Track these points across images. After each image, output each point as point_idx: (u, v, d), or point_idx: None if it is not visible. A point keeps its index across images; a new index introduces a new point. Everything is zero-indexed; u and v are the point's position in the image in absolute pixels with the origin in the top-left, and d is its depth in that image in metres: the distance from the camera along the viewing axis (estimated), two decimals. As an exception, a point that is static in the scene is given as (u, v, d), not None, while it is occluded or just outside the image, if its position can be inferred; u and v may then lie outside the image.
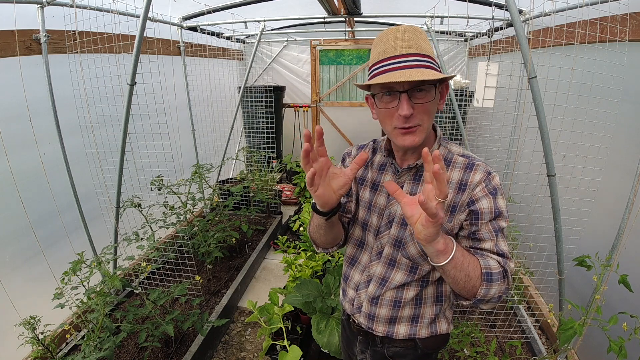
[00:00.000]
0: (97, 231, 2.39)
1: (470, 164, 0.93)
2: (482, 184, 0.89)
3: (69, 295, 1.66)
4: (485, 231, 0.91)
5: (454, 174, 0.93)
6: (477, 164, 0.92)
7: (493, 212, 0.89)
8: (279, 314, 1.84)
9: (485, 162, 0.94)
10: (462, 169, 0.92)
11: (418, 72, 0.80)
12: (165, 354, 2.03)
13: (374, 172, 1.05)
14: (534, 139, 1.61)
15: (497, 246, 0.91)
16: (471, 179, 0.90)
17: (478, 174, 0.90)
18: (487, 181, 0.90)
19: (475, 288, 0.85)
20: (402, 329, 1.03)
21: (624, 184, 1.61)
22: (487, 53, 3.51)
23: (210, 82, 3.80)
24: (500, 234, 0.91)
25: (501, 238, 0.92)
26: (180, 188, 2.49)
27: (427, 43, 0.86)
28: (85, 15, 2.01)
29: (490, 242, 0.91)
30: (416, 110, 0.84)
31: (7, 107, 1.86)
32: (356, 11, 2.88)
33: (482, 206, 0.89)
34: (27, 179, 1.97)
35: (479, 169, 0.91)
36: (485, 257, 0.89)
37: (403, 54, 0.82)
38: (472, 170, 0.91)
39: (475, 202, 0.90)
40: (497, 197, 0.90)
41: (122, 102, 1.94)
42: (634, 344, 1.32)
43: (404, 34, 0.84)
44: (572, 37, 1.81)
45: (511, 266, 0.92)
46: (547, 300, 2.37)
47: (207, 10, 2.90)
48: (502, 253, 0.91)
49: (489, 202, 0.89)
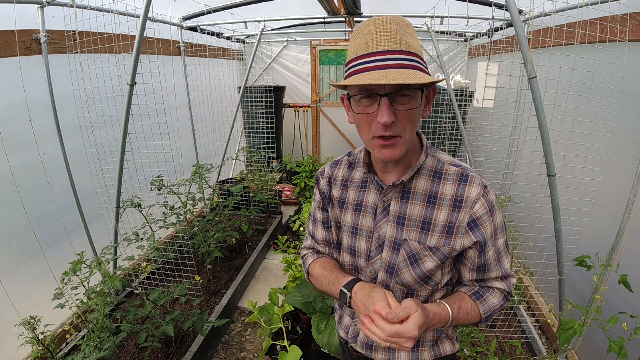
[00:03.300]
0: (97, 231, 2.39)
1: (463, 174, 0.83)
2: (480, 200, 0.80)
3: (69, 295, 1.66)
4: (490, 259, 0.86)
5: (447, 187, 0.83)
6: (471, 175, 0.83)
7: (492, 234, 0.84)
8: (279, 314, 1.84)
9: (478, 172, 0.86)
10: (455, 181, 0.83)
11: (403, 73, 0.67)
12: (165, 354, 2.03)
13: (355, 191, 0.93)
14: (534, 139, 1.61)
15: (501, 268, 0.88)
16: (467, 194, 0.81)
17: (474, 187, 0.81)
18: (485, 197, 0.81)
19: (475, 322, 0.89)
20: (402, 355, 0.96)
21: (624, 184, 1.61)
22: (487, 53, 3.51)
23: (210, 82, 3.80)
24: (501, 254, 0.87)
25: (504, 256, 0.88)
26: (180, 188, 2.49)
27: (414, 39, 0.73)
28: (85, 15, 2.01)
29: (495, 270, 0.87)
30: (398, 117, 0.72)
31: (7, 107, 1.86)
32: (356, 11, 2.88)
33: (487, 234, 0.82)
34: (27, 179, 1.97)
35: (474, 181, 0.82)
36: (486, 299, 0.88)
37: (386, 51, 0.69)
38: (466, 183, 0.82)
39: (478, 226, 0.81)
40: (495, 213, 0.83)
41: (122, 102, 1.94)
42: (634, 344, 1.32)
43: (388, 26, 0.70)
44: (572, 37, 1.81)
45: (513, 281, 0.91)
46: (547, 300, 2.37)
47: (207, 10, 2.90)
48: (505, 274, 0.89)
49: (490, 225, 0.83)
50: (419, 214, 0.84)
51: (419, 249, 0.84)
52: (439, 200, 0.83)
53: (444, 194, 0.83)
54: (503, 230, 0.86)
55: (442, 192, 0.83)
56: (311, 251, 1.07)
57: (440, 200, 0.83)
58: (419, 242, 0.84)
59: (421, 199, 0.84)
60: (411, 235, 0.85)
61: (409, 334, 0.70)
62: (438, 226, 0.83)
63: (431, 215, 0.83)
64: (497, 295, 0.89)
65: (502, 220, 0.85)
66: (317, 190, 1.03)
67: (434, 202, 0.83)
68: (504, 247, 0.88)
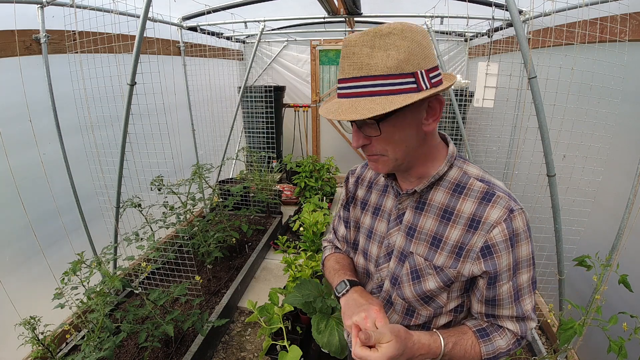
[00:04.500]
0: (97, 231, 2.39)
1: (489, 193, 0.74)
2: (501, 225, 0.71)
3: (69, 295, 1.65)
4: (504, 295, 0.75)
5: (466, 204, 0.75)
6: (497, 194, 0.73)
7: (511, 267, 0.73)
8: (279, 314, 1.84)
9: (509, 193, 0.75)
10: (477, 198, 0.74)
11: (356, 105, 0.65)
12: (165, 354, 2.03)
13: (377, 195, 0.92)
14: (534, 139, 1.61)
15: (517, 308, 0.77)
16: (486, 216, 0.72)
17: (496, 209, 0.72)
18: (507, 222, 0.71)
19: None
20: None
21: (624, 184, 1.61)
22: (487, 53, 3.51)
23: (210, 82, 3.80)
24: (522, 292, 0.76)
25: (526, 295, 0.77)
26: (180, 188, 2.49)
27: (388, 53, 0.64)
28: (85, 15, 2.01)
29: (509, 309, 0.77)
30: (374, 140, 0.71)
31: (7, 107, 1.86)
32: (356, 11, 2.88)
33: (501, 266, 0.73)
34: (27, 179, 1.96)
35: (499, 202, 0.72)
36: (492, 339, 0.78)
37: (348, 78, 0.67)
38: (489, 202, 0.73)
39: (492, 254, 0.72)
40: (520, 244, 0.73)
41: (122, 102, 1.94)
42: (634, 344, 1.32)
43: (352, 49, 0.66)
44: (572, 37, 1.81)
45: (531, 326, 0.79)
46: (547, 300, 2.37)
47: (207, 10, 2.90)
48: (523, 316, 0.78)
49: (507, 257, 0.72)
50: (430, 228, 0.79)
51: (424, 265, 0.79)
52: (454, 217, 0.76)
53: (462, 211, 0.75)
54: (530, 265, 0.75)
55: (459, 209, 0.75)
56: (330, 244, 1.11)
57: (456, 217, 0.76)
58: (425, 258, 0.79)
59: (435, 213, 0.78)
60: (419, 250, 0.80)
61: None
62: (448, 245, 0.76)
63: (443, 232, 0.77)
64: (507, 337, 0.79)
65: (529, 253, 0.74)
66: (345, 188, 1.04)
67: (448, 218, 0.77)
68: (529, 285, 0.76)
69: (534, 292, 0.79)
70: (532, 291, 0.78)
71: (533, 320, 0.80)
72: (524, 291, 0.76)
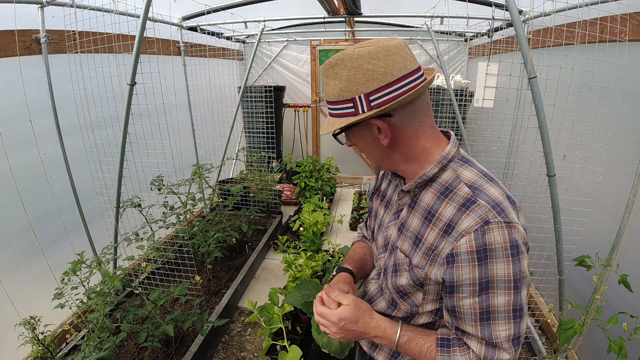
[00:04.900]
0: (97, 231, 2.39)
1: (470, 200, 0.71)
2: (469, 236, 0.67)
3: (69, 295, 1.65)
4: (466, 308, 0.71)
5: (448, 209, 0.73)
6: (478, 202, 0.69)
7: (477, 283, 0.68)
8: (279, 314, 1.84)
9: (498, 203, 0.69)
10: (459, 204, 0.72)
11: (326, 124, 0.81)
12: (165, 354, 2.03)
13: (392, 189, 0.97)
14: (534, 139, 1.61)
15: (484, 330, 0.71)
16: (459, 223, 0.70)
17: (469, 218, 0.69)
18: (477, 233, 0.67)
19: None
20: (380, 357, 0.93)
21: (624, 184, 1.61)
22: (487, 53, 3.51)
23: (210, 82, 3.80)
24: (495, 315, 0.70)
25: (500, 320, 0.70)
26: (180, 188, 2.49)
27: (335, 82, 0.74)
28: (85, 15, 2.01)
29: (473, 326, 0.72)
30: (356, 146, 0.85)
31: (7, 107, 1.86)
32: (356, 11, 2.88)
33: (459, 276, 0.69)
34: (27, 179, 1.96)
35: (475, 211, 0.69)
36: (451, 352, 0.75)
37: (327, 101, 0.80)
38: (467, 210, 0.70)
39: (453, 263, 0.69)
40: (494, 262, 0.67)
41: (122, 102, 1.94)
42: (634, 344, 1.32)
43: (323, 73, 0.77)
44: (572, 37, 1.81)
45: (503, 357, 0.71)
46: (547, 300, 2.37)
47: (207, 10, 2.90)
48: (491, 341, 0.71)
49: (471, 271, 0.68)
50: (415, 227, 0.81)
51: (402, 261, 0.83)
52: (434, 220, 0.76)
53: (442, 215, 0.74)
54: (509, 288, 0.68)
55: (441, 212, 0.75)
56: (361, 233, 1.20)
57: (436, 220, 0.75)
58: (406, 255, 0.82)
59: (421, 213, 0.80)
60: (403, 246, 0.84)
61: (330, 318, 0.80)
62: (425, 246, 0.77)
63: (424, 233, 0.78)
64: (468, 357, 0.74)
65: (508, 275, 0.67)
66: (375, 179, 1.10)
67: (430, 220, 0.77)
68: (507, 311, 0.69)
69: (516, 322, 0.70)
70: (514, 320, 0.70)
71: (507, 352, 0.70)
72: (498, 315, 0.70)
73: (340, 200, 4.64)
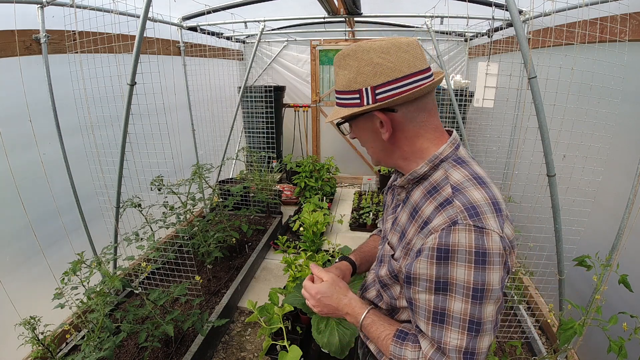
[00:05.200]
0: (97, 231, 2.39)
1: (447, 200, 0.71)
2: (435, 234, 0.68)
3: (69, 295, 1.66)
4: (421, 303, 0.72)
5: (428, 207, 0.74)
6: (454, 203, 0.69)
7: (434, 281, 0.68)
8: (279, 314, 1.84)
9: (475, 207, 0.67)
10: (438, 203, 0.72)
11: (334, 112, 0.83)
12: (165, 354, 2.03)
13: None
14: (534, 139, 1.61)
15: (434, 331, 0.70)
16: (433, 221, 0.71)
17: (440, 217, 0.69)
18: (443, 232, 0.67)
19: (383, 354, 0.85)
20: (372, 345, 0.95)
21: (624, 184, 1.61)
22: (487, 53, 3.51)
23: (210, 82, 3.80)
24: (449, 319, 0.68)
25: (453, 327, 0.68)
26: (180, 188, 2.49)
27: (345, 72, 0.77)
28: (85, 15, 2.01)
29: (425, 323, 0.72)
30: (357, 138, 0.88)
31: (7, 107, 1.86)
32: (356, 11, 2.88)
33: (416, 269, 0.70)
34: (27, 179, 1.96)
35: (447, 211, 0.69)
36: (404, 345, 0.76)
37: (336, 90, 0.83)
38: (441, 209, 0.70)
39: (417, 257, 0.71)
40: (454, 264, 0.66)
41: (122, 102, 1.94)
42: (634, 344, 1.32)
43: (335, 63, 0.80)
44: (572, 37, 1.81)
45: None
46: (547, 300, 2.37)
47: (207, 10, 2.90)
48: (439, 344, 0.70)
49: (428, 267, 0.68)
50: (403, 222, 0.83)
51: (387, 252, 0.88)
52: (417, 216, 0.77)
53: (423, 213, 0.75)
54: (468, 297, 0.66)
55: (423, 210, 0.75)
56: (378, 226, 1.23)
57: (418, 217, 0.77)
58: (392, 247, 0.87)
59: (409, 209, 0.82)
60: (392, 239, 0.87)
61: (310, 290, 0.93)
62: (405, 240, 0.80)
63: (407, 228, 0.80)
64: (417, 354, 0.74)
65: (469, 282, 0.65)
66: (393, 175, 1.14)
67: (413, 216, 0.79)
68: (462, 320, 0.67)
69: (471, 335, 0.67)
70: (469, 332, 0.67)
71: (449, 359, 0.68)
72: (452, 321, 0.68)
73: (340, 200, 4.65)
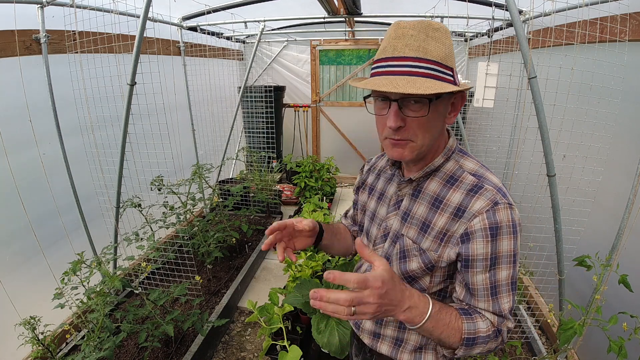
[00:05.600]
0: (97, 231, 2.38)
1: (477, 185, 0.77)
2: (482, 216, 0.74)
3: (69, 295, 1.66)
4: (479, 284, 0.77)
5: (456, 195, 0.79)
6: (485, 187, 0.76)
7: (489, 258, 0.75)
8: (279, 314, 1.84)
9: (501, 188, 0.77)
10: (466, 190, 0.78)
11: (410, 82, 0.68)
12: (165, 354, 2.03)
13: (384, 182, 0.99)
14: (534, 139, 1.61)
15: (494, 304, 0.78)
16: (471, 206, 0.75)
17: (480, 200, 0.75)
18: (489, 212, 0.73)
19: (453, 347, 0.77)
20: (384, 348, 0.95)
21: (624, 184, 1.61)
22: (487, 53, 3.51)
23: (210, 82, 3.79)
24: (500, 288, 0.76)
25: (504, 294, 0.77)
26: (180, 188, 2.49)
27: (438, 45, 0.71)
28: (85, 15, 2.01)
29: (485, 301, 0.78)
30: (408, 123, 0.73)
31: (7, 107, 1.85)
32: (356, 11, 2.88)
33: (474, 250, 0.75)
34: (27, 179, 1.96)
35: (484, 194, 0.75)
36: (474, 319, 0.77)
37: (400, 57, 0.70)
38: (476, 194, 0.76)
39: (468, 240, 0.75)
40: (501, 239, 0.74)
41: (122, 102, 1.94)
42: (634, 344, 1.32)
43: (408, 32, 0.70)
44: (572, 37, 1.81)
45: (509, 326, 0.79)
46: (547, 300, 2.37)
47: (207, 10, 2.90)
48: (500, 313, 0.78)
49: (484, 246, 0.74)
50: (421, 214, 0.84)
51: (411, 247, 0.85)
52: (443, 206, 0.80)
53: (450, 201, 0.79)
54: (510, 262, 0.76)
55: (449, 199, 0.80)
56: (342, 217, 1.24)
57: (444, 206, 0.80)
58: (414, 240, 0.85)
59: (428, 201, 0.84)
60: (409, 233, 0.86)
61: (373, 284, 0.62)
62: (434, 230, 0.81)
63: (432, 218, 0.82)
64: (487, 322, 0.78)
65: (510, 250, 0.75)
66: (359, 174, 1.12)
67: (437, 206, 0.82)
68: (507, 284, 0.77)
69: (513, 293, 0.78)
70: (512, 292, 0.78)
71: (510, 321, 0.79)
72: (502, 289, 0.77)
73: (340, 200, 4.65)
